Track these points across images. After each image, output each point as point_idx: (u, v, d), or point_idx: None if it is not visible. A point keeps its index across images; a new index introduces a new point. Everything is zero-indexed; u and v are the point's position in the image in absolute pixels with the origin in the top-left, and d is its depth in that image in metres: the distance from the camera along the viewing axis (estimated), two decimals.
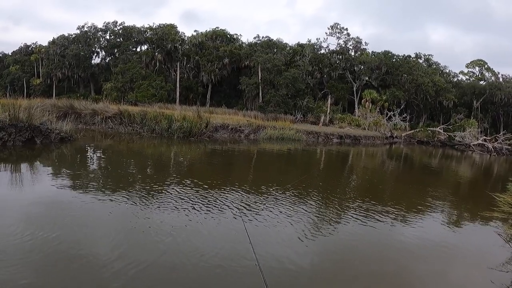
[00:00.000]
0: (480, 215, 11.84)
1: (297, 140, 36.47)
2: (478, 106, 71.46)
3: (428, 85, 64.83)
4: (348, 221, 10.01)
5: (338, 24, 72.18)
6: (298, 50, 70.88)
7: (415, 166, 29.62)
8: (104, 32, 73.02)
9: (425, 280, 7.03)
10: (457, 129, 59.55)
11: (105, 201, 9.46)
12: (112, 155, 18.87)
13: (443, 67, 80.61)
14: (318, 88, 68.00)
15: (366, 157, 32.86)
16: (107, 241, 7.09)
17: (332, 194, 13.38)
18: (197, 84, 67.13)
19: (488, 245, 9.34)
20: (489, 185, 21.51)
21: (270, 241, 7.82)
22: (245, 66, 66.48)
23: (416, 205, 12.73)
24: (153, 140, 25.52)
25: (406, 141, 57.09)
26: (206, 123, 30.18)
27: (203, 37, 72.25)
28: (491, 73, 79.67)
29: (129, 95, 58.76)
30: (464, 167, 32.65)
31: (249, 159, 22.61)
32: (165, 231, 7.77)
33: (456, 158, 40.04)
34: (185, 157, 20.75)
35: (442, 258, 8.12)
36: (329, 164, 25.47)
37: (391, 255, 8.04)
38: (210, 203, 10.18)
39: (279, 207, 10.51)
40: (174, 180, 12.76)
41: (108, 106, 32.98)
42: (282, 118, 46.92)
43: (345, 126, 53.66)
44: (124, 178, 12.69)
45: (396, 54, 73.45)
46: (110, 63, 70.90)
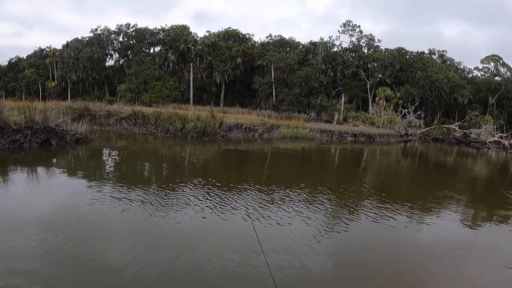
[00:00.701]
0: (495, 213, 11.74)
1: (311, 138, 36.37)
2: (494, 102, 70.55)
3: (443, 82, 64.23)
4: (363, 219, 9.95)
5: (351, 21, 71.97)
6: (310, 48, 70.70)
7: (430, 164, 29.38)
8: (117, 35, 73.72)
9: (441, 279, 6.92)
10: (472, 126, 58.94)
11: (121, 202, 9.47)
12: (126, 156, 18.97)
13: (458, 63, 79.87)
14: (331, 87, 67.79)
15: (380, 155, 32.67)
16: (123, 243, 7.10)
17: (346, 192, 13.30)
18: (211, 84, 67.38)
19: (503, 244, 9.21)
20: (505, 183, 21.29)
21: (282, 243, 7.76)
22: (258, 66, 66.55)
23: (432, 204, 12.62)
24: (167, 141, 25.63)
25: (421, 138, 56.67)
26: (220, 123, 30.23)
27: (215, 37, 72.45)
28: (506, 69, 78.67)
29: (143, 96, 59.11)
30: (479, 164, 32.31)
31: (263, 159, 22.60)
32: (180, 232, 7.77)
33: (472, 155, 39.65)
34: (199, 157, 20.79)
35: (458, 256, 8.04)
36: (343, 162, 25.37)
37: (407, 254, 7.95)
38: (225, 203, 10.16)
39: (292, 206, 10.45)
40: (188, 180, 12.74)
41: (123, 107, 33.17)
42: (296, 117, 46.87)
43: (359, 124, 53.48)
44: (139, 179, 12.75)
45: (410, 51, 72.99)
46: (124, 65, 71.54)
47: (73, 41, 73.72)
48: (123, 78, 66.61)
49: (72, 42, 73.66)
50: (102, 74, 71.30)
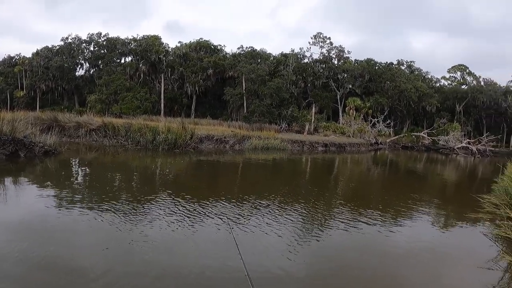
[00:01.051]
0: (466, 217, 12.15)
1: (282, 149, 36.68)
2: (461, 110, 72.78)
3: (411, 91, 65.82)
4: (337, 227, 10.16)
5: (321, 33, 72.99)
6: (281, 60, 71.45)
7: (400, 171, 29.97)
8: (88, 44, 72.82)
9: (416, 283, 7.20)
10: (440, 133, 60.65)
11: (91, 216, 9.41)
12: (96, 169, 18.84)
13: (425, 73, 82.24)
14: (302, 97, 68.53)
15: (351, 164, 33.16)
16: (91, 257, 7.03)
17: (319, 201, 13.53)
18: (182, 96, 67.29)
19: (475, 246, 9.59)
20: (474, 187, 21.89)
21: (259, 251, 7.91)
22: (229, 77, 66.88)
23: (403, 210, 12.96)
24: (138, 153, 25.52)
25: (391, 147, 57.93)
26: (191, 135, 30.22)
27: (187, 48, 72.55)
28: (472, 77, 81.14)
29: (113, 107, 58.68)
30: (449, 170, 33.11)
31: (235, 170, 22.71)
32: (152, 245, 7.76)
33: (441, 161, 40.59)
34: (171, 169, 20.78)
35: (432, 260, 8.32)
36: (315, 172, 25.68)
37: (381, 260, 8.15)
38: (197, 215, 10.23)
39: (266, 217, 10.59)
40: (159, 193, 12.77)
41: (92, 119, 32.85)
42: (267, 127, 47.24)
43: (330, 134, 54.18)
44: (110, 192, 12.70)
45: (379, 62, 74.60)
46: (94, 75, 70.67)
47: (43, 49, 72.65)
48: (93, 88, 65.90)
49: (42, 50, 72.57)
50: (72, 84, 70.34)
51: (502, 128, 76.44)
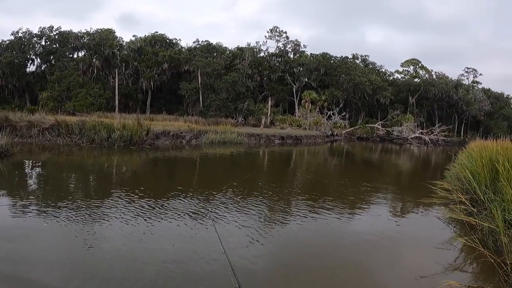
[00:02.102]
0: (421, 202, 13.00)
1: (239, 143, 37.00)
2: (414, 102, 75.16)
3: (365, 84, 67.22)
4: (297, 218, 10.64)
5: (277, 27, 73.39)
6: (237, 53, 71.44)
7: (356, 161, 30.75)
8: (40, 38, 69.84)
9: (378, 268, 7.73)
10: (394, 124, 62.36)
11: (48, 219, 9.37)
12: (51, 170, 18.58)
13: (379, 66, 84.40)
14: (258, 91, 68.86)
15: (308, 155, 33.72)
16: (51, 262, 6.97)
17: (278, 193, 13.99)
18: (137, 91, 66.32)
19: (431, 229, 10.41)
20: (428, 174, 22.84)
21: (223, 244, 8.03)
22: (185, 71, 66.35)
23: (361, 198, 13.58)
24: (93, 151, 25.22)
25: (347, 138, 59.19)
26: (147, 131, 30.03)
27: (142, 42, 71.54)
28: (425, 71, 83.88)
29: (66, 105, 57.18)
30: (403, 159, 34.19)
31: (192, 165, 22.80)
32: (113, 246, 7.83)
33: (395, 151, 41.79)
34: (127, 166, 20.70)
35: (391, 245, 9.01)
36: (273, 164, 26.07)
37: (343, 248, 8.70)
38: (158, 212, 10.39)
39: (229, 210, 10.89)
40: (116, 192, 12.84)
41: (45, 117, 32.07)
42: (224, 122, 47.29)
43: (286, 127, 54.73)
44: (66, 194, 12.61)
45: (334, 56, 75.85)
46: (46, 71, 68.05)
47: None
48: (45, 85, 63.66)
49: None
50: (23, 81, 67.54)
51: (454, 118, 79.72)
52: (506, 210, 8.34)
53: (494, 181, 10.53)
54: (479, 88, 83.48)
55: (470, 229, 9.46)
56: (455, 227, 10.35)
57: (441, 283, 6.55)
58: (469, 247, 8.21)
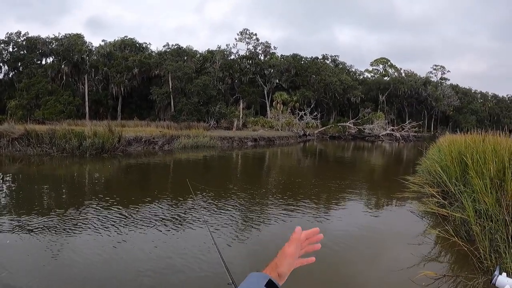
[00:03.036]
0: (394, 197, 13.37)
1: (212, 146, 37.17)
2: (384, 100, 76.53)
3: (336, 84, 68.13)
4: (272, 220, 10.86)
5: (247, 29, 73.90)
6: (208, 56, 71.59)
7: (330, 160, 31.16)
8: (7, 44, 68.47)
9: (355, 263, 8.07)
10: (366, 122, 63.45)
11: (20, 235, 9.32)
12: (22, 181, 18.38)
13: (349, 66, 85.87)
14: (229, 94, 69.08)
15: (282, 156, 34.05)
16: (23, 275, 6.97)
17: (253, 195, 14.31)
18: (107, 97, 65.85)
19: (405, 222, 10.87)
20: (400, 170, 23.33)
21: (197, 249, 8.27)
22: (156, 76, 66.19)
23: (336, 197, 13.95)
24: (64, 160, 25.02)
25: (319, 137, 59.79)
26: (119, 138, 29.88)
27: (111, 47, 71.12)
28: (394, 69, 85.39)
29: (35, 113, 56.46)
30: (375, 156, 34.80)
31: (166, 171, 22.86)
32: (83, 258, 7.86)
33: (368, 148, 42.46)
34: (100, 175, 20.65)
35: (367, 241, 9.38)
36: (246, 167, 26.31)
37: (322, 247, 8.66)
38: (133, 220, 10.41)
39: (204, 214, 10.99)
40: (89, 201, 12.88)
41: (14, 127, 31.53)
42: (196, 126, 47.32)
43: (259, 128, 55.07)
44: (37, 205, 12.57)
45: (304, 57, 76.78)
46: (14, 79, 67.00)
47: None
48: (14, 93, 62.69)
49: None
50: None
51: (423, 114, 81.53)
52: (476, 200, 8.75)
53: (463, 173, 11.03)
54: (447, 85, 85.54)
55: (442, 220, 9.96)
56: (428, 220, 10.80)
57: (418, 273, 6.87)
58: (442, 238, 8.64)
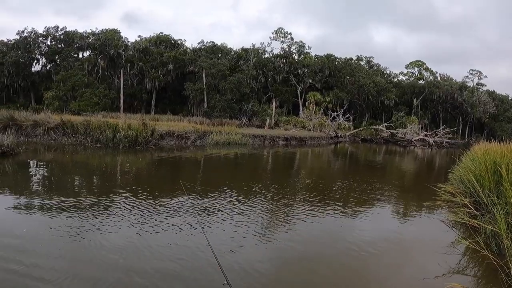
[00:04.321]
0: (425, 205, 12.96)
1: (243, 144, 36.97)
2: (418, 104, 74.97)
3: (370, 86, 67.08)
4: (302, 221, 10.58)
5: (282, 28, 73.50)
6: (242, 54, 71.60)
7: (361, 163, 30.71)
8: (45, 38, 69.76)
9: (383, 270, 7.76)
10: (398, 126, 62.27)
11: (52, 218, 9.43)
12: (56, 169, 18.62)
13: (384, 68, 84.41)
14: (262, 92, 68.81)
15: (312, 157, 33.74)
16: (55, 262, 6.98)
17: (283, 194, 13.98)
18: (141, 91, 66.39)
19: (434, 231, 10.38)
20: (432, 177, 22.78)
21: (228, 247, 8.10)
22: (190, 72, 66.42)
23: (365, 201, 13.57)
24: (97, 151, 25.28)
25: (351, 140, 59.12)
26: (152, 131, 30.08)
27: (147, 42, 71.62)
28: (429, 73, 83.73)
29: (71, 104, 57.22)
30: (407, 161, 34.15)
31: (197, 166, 22.86)
32: (116, 247, 7.82)
33: (399, 153, 41.71)
34: (132, 167, 20.73)
35: (395, 248, 8.96)
36: (277, 166, 26.11)
37: (346, 250, 8.59)
38: (161, 213, 10.39)
39: (232, 212, 10.93)
40: (122, 192, 12.87)
41: (50, 117, 32.13)
42: (228, 122, 47.26)
43: (291, 128, 54.71)
44: (70, 193, 12.66)
45: (338, 57, 75.58)
46: (51, 71, 68.21)
47: None
48: (50, 84, 63.82)
49: None
50: (28, 81, 67.57)
51: (458, 121, 79.60)
52: (509, 213, 8.34)
53: (497, 184, 10.50)
54: (483, 90, 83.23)
55: (473, 232, 9.46)
56: (458, 230, 10.37)
57: (444, 285, 6.55)
58: (472, 250, 8.24)
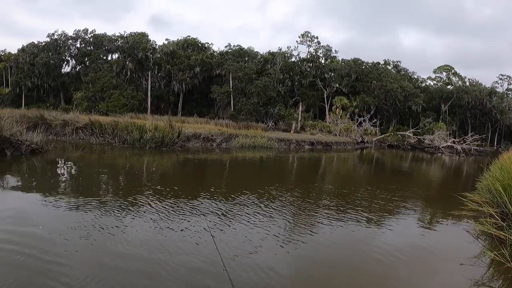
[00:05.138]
0: (450, 214, 12.52)
1: (269, 147, 36.84)
2: (446, 109, 73.29)
3: (397, 91, 66.15)
4: (325, 227, 10.35)
5: (309, 32, 73.16)
6: (269, 58, 71.63)
7: (386, 170, 30.27)
8: (75, 40, 71.54)
9: (405, 280, 7.48)
10: (426, 132, 61.18)
11: (77, 215, 9.50)
12: (83, 167, 18.82)
13: (411, 73, 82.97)
14: (289, 96, 68.61)
15: (338, 162, 33.42)
16: (77, 257, 7.05)
17: (306, 199, 13.72)
18: (169, 93, 67.01)
19: (459, 242, 9.96)
20: (459, 185, 22.28)
21: (244, 252, 7.98)
22: (217, 75, 66.76)
23: (390, 208, 13.24)
24: (124, 151, 25.50)
25: (377, 145, 58.30)
26: (178, 133, 30.21)
27: (174, 45, 72.25)
28: (458, 78, 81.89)
29: (100, 105, 58.09)
30: (434, 168, 33.53)
31: (222, 168, 22.81)
32: (137, 245, 7.81)
33: (426, 160, 41.01)
34: (158, 167, 20.82)
35: (418, 258, 8.62)
36: (303, 170, 25.90)
37: (368, 258, 8.32)
38: (185, 213, 10.36)
39: (254, 216, 10.74)
40: (146, 192, 12.88)
41: (79, 117, 32.70)
42: (254, 126, 47.24)
43: (317, 132, 54.48)
44: (96, 191, 12.77)
45: (366, 61, 74.91)
46: (81, 72, 69.67)
47: (29, 45, 70.95)
48: (80, 85, 65.13)
49: (28, 46, 70.83)
50: (58, 81, 69.06)
51: (487, 127, 77.54)
52: None
53: None
54: None
55: (499, 243, 9.06)
56: (483, 241, 10.03)
57: None
58: (497, 262, 7.90)
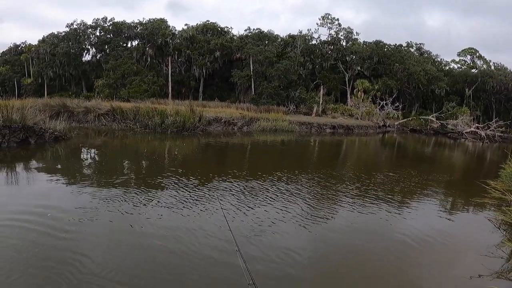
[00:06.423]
0: (472, 202, 12.13)
1: (290, 131, 36.64)
2: (470, 94, 71.50)
3: (420, 74, 64.88)
4: (344, 211, 10.22)
5: (329, 14, 72.04)
6: (289, 41, 70.85)
7: (408, 155, 29.81)
8: (94, 29, 71.86)
9: (424, 267, 7.26)
10: (449, 117, 59.84)
11: (102, 201, 9.53)
12: (106, 153, 18.93)
13: (435, 55, 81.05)
14: (310, 79, 67.90)
15: (359, 146, 33.06)
16: (101, 243, 7.09)
17: (328, 183, 13.55)
18: (189, 78, 66.93)
19: (480, 230, 9.63)
20: (481, 172, 21.77)
21: (266, 234, 7.95)
22: (237, 59, 66.37)
23: (411, 194, 12.96)
24: (146, 136, 25.59)
25: (399, 129, 57.44)
26: (199, 117, 30.23)
27: (193, 30, 71.96)
28: (482, 61, 79.82)
29: (121, 92, 58.37)
30: (457, 154, 32.92)
31: (243, 152, 22.75)
32: (158, 232, 7.77)
33: (449, 146, 40.30)
34: (180, 151, 20.87)
35: (438, 245, 8.35)
36: (324, 153, 25.67)
37: (389, 245, 8.19)
38: (204, 198, 10.28)
39: (275, 199, 10.63)
40: (169, 176, 12.88)
41: (101, 103, 32.95)
42: (275, 109, 46.99)
43: (338, 116, 53.94)
44: (120, 175, 12.76)
45: (388, 44, 73.44)
46: (101, 60, 70.14)
47: (49, 36, 71.79)
48: (101, 73, 65.66)
49: (48, 37, 71.72)
50: (79, 70, 69.80)
51: None
52: None
53: None
54: None
55: None
56: (505, 231, 9.72)
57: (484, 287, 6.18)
58: None
